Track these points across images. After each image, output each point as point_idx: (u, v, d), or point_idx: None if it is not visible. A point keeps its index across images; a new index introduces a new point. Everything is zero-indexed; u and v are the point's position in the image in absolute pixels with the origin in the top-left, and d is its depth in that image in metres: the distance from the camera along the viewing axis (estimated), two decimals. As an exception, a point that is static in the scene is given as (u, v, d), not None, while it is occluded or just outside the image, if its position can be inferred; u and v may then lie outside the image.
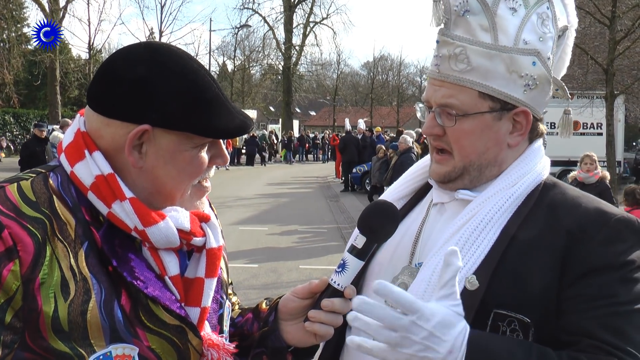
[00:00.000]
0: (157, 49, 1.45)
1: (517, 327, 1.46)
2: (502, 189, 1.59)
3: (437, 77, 1.62)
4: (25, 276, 1.28)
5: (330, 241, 13.37)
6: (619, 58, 19.50)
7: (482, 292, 1.48)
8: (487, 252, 1.52)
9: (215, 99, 1.45)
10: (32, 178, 1.41)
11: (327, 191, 24.13)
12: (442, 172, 1.65)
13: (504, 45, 1.56)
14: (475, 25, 1.57)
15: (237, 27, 54.34)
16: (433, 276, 1.52)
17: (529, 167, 1.63)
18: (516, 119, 1.61)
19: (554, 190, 1.62)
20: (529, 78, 1.57)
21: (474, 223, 1.56)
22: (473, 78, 1.56)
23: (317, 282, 1.61)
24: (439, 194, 1.72)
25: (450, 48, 1.59)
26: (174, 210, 1.46)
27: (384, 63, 72.05)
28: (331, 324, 1.57)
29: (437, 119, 1.61)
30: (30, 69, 40.40)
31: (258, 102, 65.54)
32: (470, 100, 1.57)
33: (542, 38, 1.59)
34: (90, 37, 38.72)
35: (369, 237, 1.55)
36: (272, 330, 1.67)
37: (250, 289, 8.97)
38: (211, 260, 1.52)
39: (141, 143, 1.41)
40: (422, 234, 1.69)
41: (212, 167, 1.54)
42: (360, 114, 63.53)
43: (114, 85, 1.41)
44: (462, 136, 1.59)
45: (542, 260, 1.49)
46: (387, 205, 1.61)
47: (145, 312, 1.40)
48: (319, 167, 39.65)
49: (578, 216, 1.52)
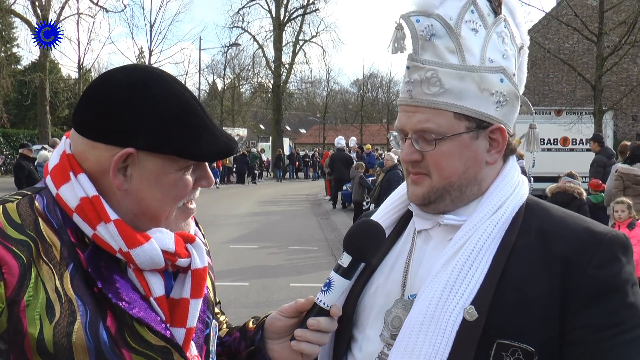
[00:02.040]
0: (141, 72, 1.47)
1: (521, 356, 1.44)
2: (489, 213, 1.58)
3: (410, 102, 1.61)
4: (10, 298, 1.28)
5: (321, 259, 13.34)
6: (606, 74, 19.72)
7: (483, 322, 1.46)
8: (482, 280, 1.50)
9: (199, 121, 1.46)
10: (18, 200, 1.42)
11: (318, 209, 24.11)
12: (419, 193, 1.64)
13: (472, 65, 1.57)
14: (442, 48, 1.58)
15: (226, 46, 54.41)
16: (429, 309, 1.50)
17: (510, 187, 1.63)
18: (492, 137, 1.61)
19: (538, 210, 1.62)
20: (499, 95, 1.58)
21: (467, 252, 1.54)
22: (447, 100, 1.56)
23: (303, 301, 1.62)
24: (421, 221, 1.69)
25: (421, 72, 1.59)
26: (159, 232, 1.47)
27: (373, 80, 72.34)
28: (317, 343, 1.58)
29: (415, 145, 1.60)
30: (20, 88, 40.33)
31: (248, 121, 65.59)
32: (447, 122, 1.57)
33: (505, 55, 1.61)
34: (80, 57, 38.87)
35: (355, 256, 1.57)
36: (259, 349, 1.68)
37: (241, 307, 8.94)
38: (196, 280, 1.52)
39: (126, 166, 1.42)
40: (411, 264, 1.67)
41: (197, 188, 1.55)
42: (350, 131, 63.61)
43: (98, 108, 1.42)
44: (441, 159, 1.59)
45: (541, 286, 1.47)
46: (372, 224, 1.62)
47: (131, 333, 1.40)
48: (309, 184, 39.64)
49: (571, 240, 1.52)
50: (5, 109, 38.25)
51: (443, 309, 1.49)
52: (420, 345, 1.49)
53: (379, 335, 1.62)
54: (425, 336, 1.49)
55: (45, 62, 35.24)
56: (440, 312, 1.49)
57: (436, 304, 1.50)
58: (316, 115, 74.48)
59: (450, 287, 1.51)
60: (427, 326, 1.49)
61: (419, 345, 1.49)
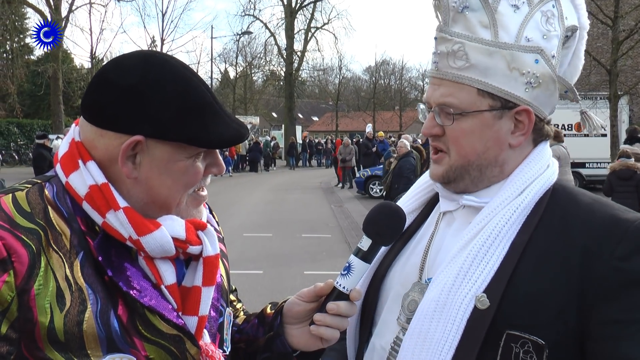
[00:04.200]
0: (149, 58, 1.45)
1: (531, 348, 1.40)
2: (510, 198, 1.54)
3: (436, 74, 1.59)
4: (19, 287, 1.27)
5: (334, 247, 13.35)
6: (622, 58, 19.52)
7: (493, 311, 1.42)
8: (497, 268, 1.46)
9: (208, 108, 1.44)
10: (28, 189, 1.41)
11: (331, 197, 24.11)
12: (439, 172, 1.62)
13: (505, 42, 1.51)
14: (474, 21, 1.53)
15: (238, 34, 54.46)
16: (441, 295, 1.48)
17: (535, 171, 1.58)
18: (518, 118, 1.56)
19: (564, 196, 1.56)
20: (530, 76, 1.52)
21: (483, 237, 1.50)
22: (472, 75, 1.52)
23: (322, 285, 1.60)
24: (446, 202, 1.67)
25: (448, 45, 1.55)
26: (169, 219, 1.46)
27: (385, 67, 72.31)
28: (337, 327, 1.57)
29: (436, 119, 1.58)
30: (34, 79, 40.60)
31: (260, 109, 65.68)
32: (469, 98, 1.53)
33: (546, 36, 1.54)
34: (93, 46, 39.05)
35: (375, 240, 1.55)
36: (278, 334, 1.67)
37: (255, 295, 8.96)
38: (208, 268, 1.51)
39: (135, 154, 1.40)
40: (432, 247, 1.64)
41: (208, 176, 1.53)
42: (362, 118, 63.57)
43: (106, 96, 1.40)
44: (461, 136, 1.55)
45: (557, 278, 1.42)
46: (392, 207, 1.59)
47: (142, 322, 1.39)
48: (322, 172, 39.61)
49: (593, 228, 1.45)
50: (19, 99, 38.43)
51: (455, 295, 1.46)
52: (432, 332, 1.47)
53: (396, 319, 1.61)
54: (437, 323, 1.47)
55: (58, 52, 35.34)
56: (452, 299, 1.47)
57: (449, 290, 1.48)
58: (328, 102, 74.45)
59: (464, 273, 1.48)
60: (439, 313, 1.47)
61: (431, 332, 1.47)
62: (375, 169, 22.78)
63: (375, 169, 22.78)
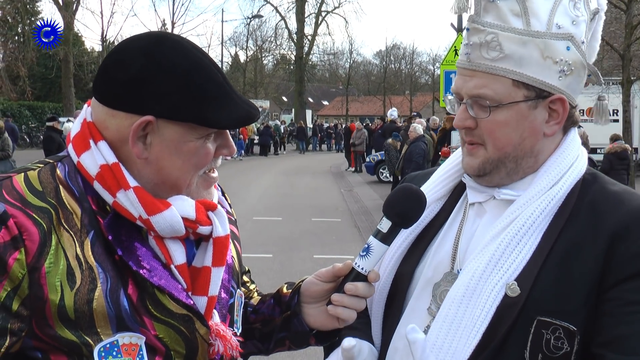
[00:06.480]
0: (160, 39, 1.45)
1: (562, 334, 1.41)
2: (544, 189, 1.53)
3: (468, 66, 1.56)
4: (30, 265, 1.29)
5: (344, 231, 13.38)
6: (635, 43, 19.30)
7: (524, 298, 1.43)
8: (528, 258, 1.47)
9: (219, 88, 1.44)
10: (40, 168, 1.42)
11: (341, 181, 24.12)
12: (475, 164, 1.60)
13: (537, 31, 1.50)
14: (506, 10, 1.51)
15: (249, 18, 54.44)
16: (471, 282, 1.49)
17: (568, 161, 1.57)
18: (552, 107, 1.54)
19: (594, 185, 1.56)
20: (564, 64, 1.51)
21: (516, 227, 1.50)
22: (506, 66, 1.50)
23: (341, 266, 1.61)
24: (475, 193, 1.66)
25: (481, 35, 1.53)
26: (180, 199, 1.46)
27: (396, 52, 71.83)
28: (354, 308, 1.58)
29: (470, 111, 1.56)
30: (45, 62, 40.63)
31: (271, 93, 65.56)
32: (504, 89, 1.51)
33: (575, 21, 1.53)
34: (103, 29, 38.88)
35: (395, 222, 1.55)
36: (295, 313, 1.68)
37: (265, 279, 8.99)
38: (218, 248, 1.51)
39: (145, 134, 1.41)
40: (462, 237, 1.64)
41: (219, 157, 1.53)
42: (373, 102, 63.43)
43: (117, 76, 1.40)
44: (496, 128, 1.54)
45: (586, 265, 1.43)
46: (413, 190, 1.58)
47: (152, 301, 1.40)
48: (332, 156, 39.58)
49: (621, 216, 1.45)
50: (30, 82, 38.49)
51: (486, 282, 1.47)
52: (460, 318, 1.48)
53: (426, 309, 1.61)
54: (465, 309, 1.48)
55: (69, 35, 35.34)
56: (482, 286, 1.47)
57: (479, 277, 1.48)
58: (339, 86, 74.24)
59: (496, 261, 1.48)
60: (468, 299, 1.48)
61: (459, 318, 1.48)
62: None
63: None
